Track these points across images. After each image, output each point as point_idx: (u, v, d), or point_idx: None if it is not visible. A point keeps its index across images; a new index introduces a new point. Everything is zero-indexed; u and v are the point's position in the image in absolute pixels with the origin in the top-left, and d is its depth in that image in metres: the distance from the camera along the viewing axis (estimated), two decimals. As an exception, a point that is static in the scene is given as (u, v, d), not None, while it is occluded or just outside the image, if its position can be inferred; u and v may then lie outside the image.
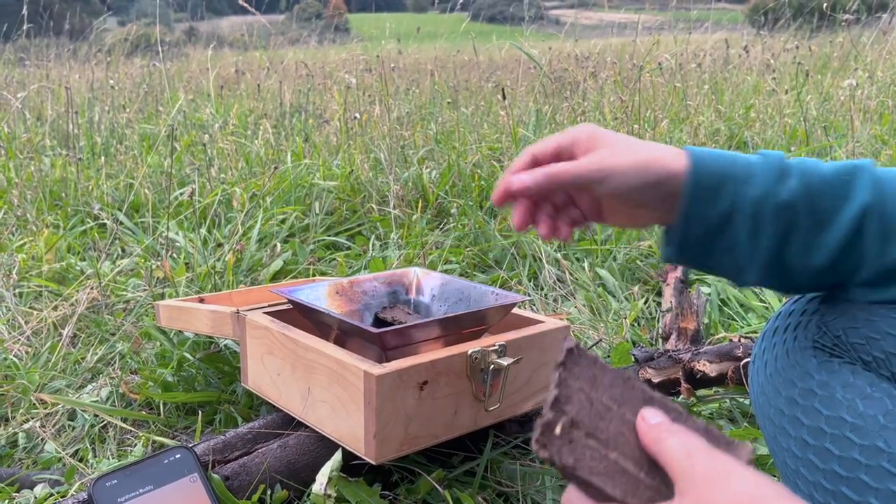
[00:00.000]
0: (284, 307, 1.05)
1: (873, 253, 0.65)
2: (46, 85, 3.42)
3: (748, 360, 1.07)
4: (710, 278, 1.59)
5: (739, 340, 1.25)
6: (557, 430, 0.46)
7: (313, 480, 0.87)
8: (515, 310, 1.04)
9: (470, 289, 1.06)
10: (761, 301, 1.51)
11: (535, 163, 0.70)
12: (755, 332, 1.42)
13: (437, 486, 0.87)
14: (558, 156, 0.69)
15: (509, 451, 1.01)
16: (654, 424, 0.48)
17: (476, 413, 0.90)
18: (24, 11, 2.98)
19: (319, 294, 1.04)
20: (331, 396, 0.86)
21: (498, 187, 0.69)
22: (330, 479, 0.84)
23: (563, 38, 4.56)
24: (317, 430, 0.90)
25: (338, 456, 0.86)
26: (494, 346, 0.89)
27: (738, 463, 0.45)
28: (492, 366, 0.88)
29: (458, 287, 1.08)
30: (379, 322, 1.07)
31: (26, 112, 3.20)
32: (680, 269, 1.60)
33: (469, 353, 0.87)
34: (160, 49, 3.49)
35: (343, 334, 0.96)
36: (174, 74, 5.08)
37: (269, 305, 1.06)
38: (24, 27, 2.88)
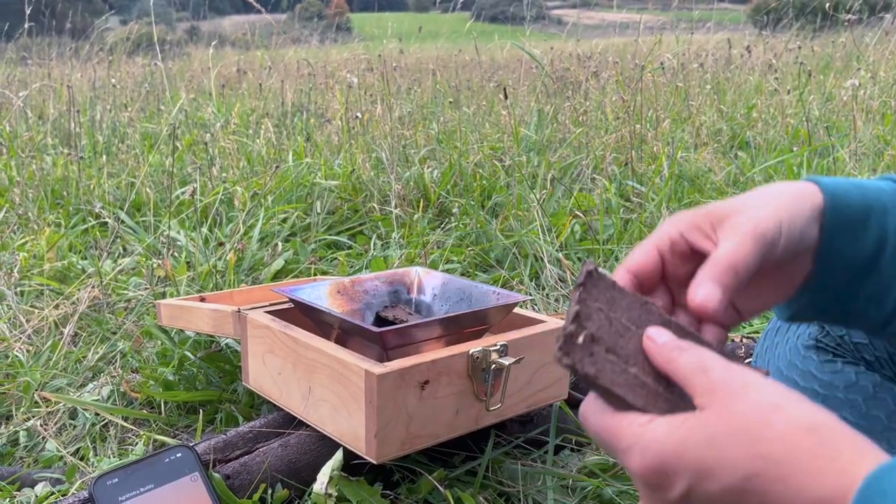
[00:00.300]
0: (286, 306, 1.05)
1: None
2: (48, 84, 3.42)
3: (750, 360, 1.07)
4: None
5: (741, 341, 1.25)
6: (580, 340, 0.46)
7: (314, 480, 0.87)
8: (517, 309, 1.04)
9: (471, 288, 1.06)
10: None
11: (641, 282, 0.54)
12: (757, 332, 1.42)
13: (439, 486, 0.87)
14: (663, 263, 0.54)
15: (510, 451, 1.01)
16: (662, 344, 0.46)
17: (477, 413, 0.90)
18: (28, 10, 2.98)
19: (321, 293, 1.04)
20: (332, 396, 0.86)
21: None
22: (331, 478, 0.84)
23: (564, 38, 4.56)
24: (318, 429, 0.90)
25: (339, 455, 0.86)
26: (496, 345, 0.89)
27: (756, 373, 0.44)
28: (493, 365, 0.88)
29: (460, 286, 1.08)
30: (380, 321, 1.07)
31: (28, 111, 3.20)
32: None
33: (470, 352, 0.87)
34: (160, 49, 3.49)
35: (344, 333, 0.96)
36: (176, 73, 5.08)
37: (271, 304, 1.06)
38: (26, 25, 2.88)
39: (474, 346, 0.87)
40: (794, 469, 0.39)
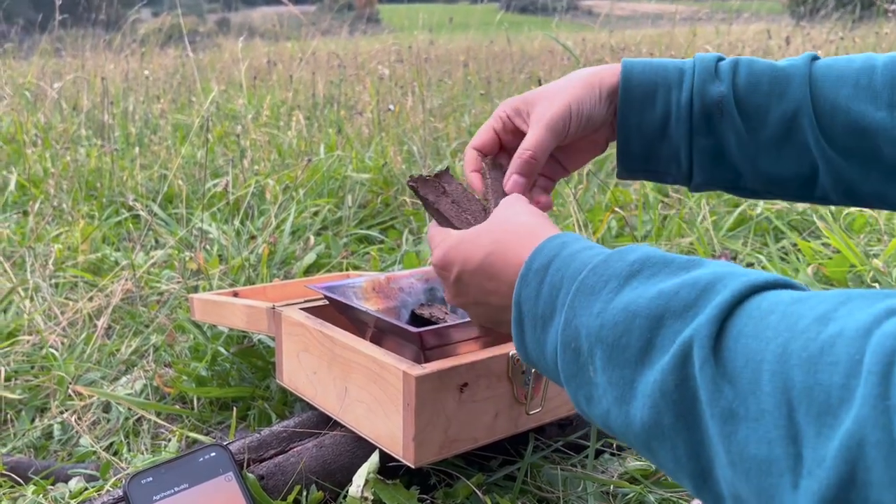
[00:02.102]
0: (320, 303, 1.03)
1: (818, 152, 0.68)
2: (82, 76, 3.45)
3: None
4: (754, 277, 1.54)
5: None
6: (432, 181, 0.72)
7: (349, 482, 0.85)
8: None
9: (510, 287, 1.03)
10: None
11: (484, 155, 0.77)
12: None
13: (477, 491, 0.85)
14: (501, 140, 0.76)
15: (549, 455, 0.98)
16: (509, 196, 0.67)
17: (517, 416, 0.87)
18: (59, 1, 3.00)
19: (356, 290, 1.01)
20: (368, 397, 0.84)
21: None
22: (367, 481, 0.82)
23: (597, 29, 4.48)
24: (353, 430, 0.88)
25: (375, 458, 0.84)
26: (537, 347, 0.86)
27: (527, 206, 0.64)
28: (534, 368, 0.85)
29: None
30: (416, 318, 1.05)
31: (62, 102, 3.23)
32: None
33: (510, 354, 0.84)
34: (191, 41, 3.49)
35: (380, 332, 0.93)
36: (207, 65, 5.10)
37: (305, 301, 1.04)
38: (58, 17, 2.89)
39: (513, 348, 0.85)
40: (514, 246, 0.57)
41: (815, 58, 0.70)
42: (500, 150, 0.77)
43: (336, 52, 4.59)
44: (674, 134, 0.71)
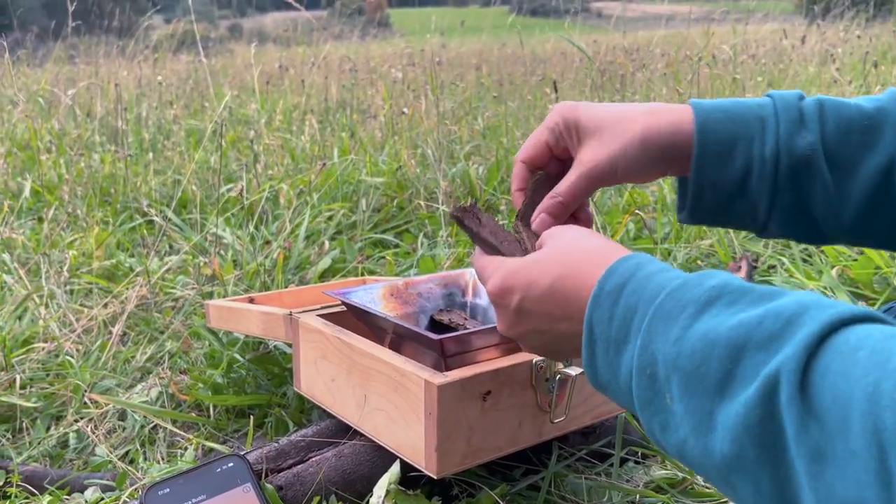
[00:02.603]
0: (338, 309, 1.02)
1: None
2: (96, 82, 3.46)
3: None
4: (777, 277, 1.51)
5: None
6: (472, 213, 0.69)
7: (369, 492, 0.83)
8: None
9: (530, 291, 1.01)
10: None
11: (532, 169, 0.73)
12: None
13: (501, 502, 0.82)
14: (552, 154, 0.72)
15: (573, 464, 0.96)
16: (540, 218, 0.68)
17: (541, 425, 0.85)
18: (71, 8, 3.00)
19: (374, 296, 1.00)
20: (388, 405, 0.82)
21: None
22: (388, 491, 0.80)
23: (610, 31, 4.46)
24: (373, 439, 0.86)
25: (395, 468, 0.82)
26: (561, 354, 0.84)
27: (586, 230, 0.61)
28: (558, 375, 0.83)
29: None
30: (434, 324, 1.03)
31: (76, 108, 3.24)
32: (744, 270, 1.52)
33: (534, 361, 0.82)
34: (203, 47, 3.50)
35: (399, 338, 0.91)
36: (219, 70, 5.12)
37: (322, 307, 1.02)
38: (70, 24, 2.90)
39: (537, 355, 0.83)
40: (585, 268, 0.55)
41: None
42: (547, 164, 0.73)
43: (348, 55, 4.58)
44: (754, 189, 0.65)
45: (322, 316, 0.98)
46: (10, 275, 1.66)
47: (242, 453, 0.87)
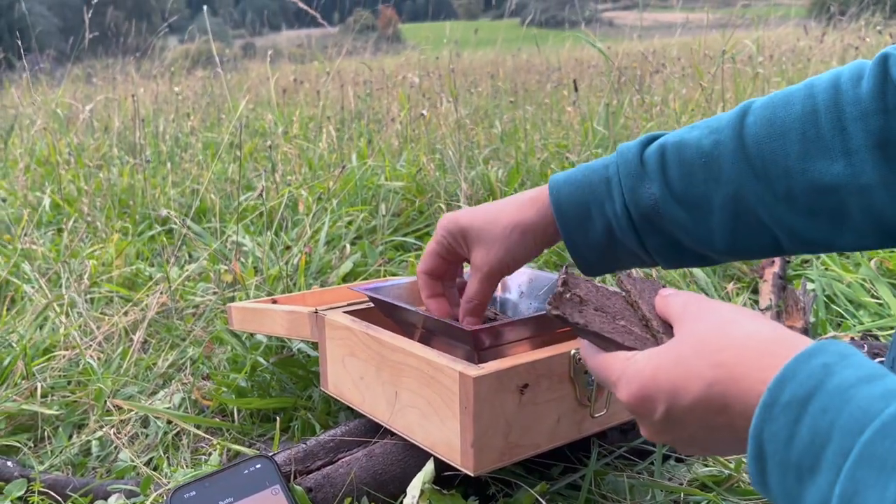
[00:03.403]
0: (364, 306, 0.99)
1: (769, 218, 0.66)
2: (113, 97, 3.47)
3: (882, 359, 0.95)
4: (813, 272, 1.46)
5: (860, 340, 1.13)
6: (567, 296, 0.58)
7: (402, 493, 0.80)
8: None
9: (563, 284, 0.97)
10: (874, 297, 1.38)
11: (436, 278, 0.84)
12: (869, 330, 1.29)
13: (542, 500, 0.79)
14: (447, 263, 0.83)
15: (612, 462, 0.92)
16: (665, 294, 0.57)
17: (581, 420, 0.81)
18: (88, 35, 3.01)
19: (401, 291, 0.97)
20: (421, 401, 0.79)
21: (444, 312, 0.85)
22: (422, 491, 0.77)
23: (625, 38, 4.43)
24: (406, 437, 0.82)
25: (429, 466, 0.79)
26: (600, 344, 0.80)
27: (730, 305, 0.51)
28: None
29: (549, 282, 0.99)
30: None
31: (94, 122, 3.25)
32: (777, 264, 1.48)
33: (572, 353, 0.78)
34: (219, 61, 3.51)
35: (428, 333, 0.88)
36: (234, 85, 5.14)
37: (349, 304, 0.99)
38: (88, 36, 2.90)
39: (575, 347, 0.79)
40: (746, 369, 0.44)
41: (746, 112, 0.66)
42: (447, 271, 0.85)
43: (365, 64, 4.58)
44: (623, 240, 0.71)
45: (348, 312, 0.95)
46: (29, 283, 1.65)
47: (270, 454, 0.84)
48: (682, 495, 0.87)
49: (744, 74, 2.71)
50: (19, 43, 3.01)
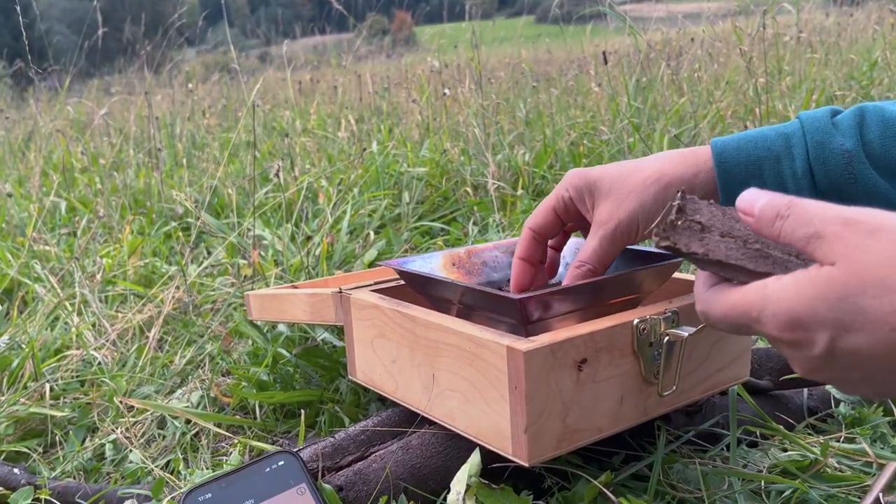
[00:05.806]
0: (392, 284, 0.89)
1: None
2: (130, 98, 3.42)
3: None
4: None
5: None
6: (681, 223, 0.50)
7: (445, 488, 0.70)
8: (675, 274, 0.84)
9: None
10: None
11: (540, 239, 0.73)
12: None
13: (607, 493, 0.68)
14: (561, 222, 0.71)
15: (678, 449, 0.81)
16: (759, 213, 0.45)
17: (646, 399, 0.71)
18: (100, 31, 2.97)
19: (433, 266, 0.87)
20: (463, 383, 0.69)
21: (520, 282, 0.76)
22: (468, 486, 0.67)
23: (649, 28, 4.31)
24: (446, 426, 0.72)
25: (475, 457, 0.69)
26: (665, 312, 0.69)
27: (865, 211, 0.41)
28: (666, 338, 0.69)
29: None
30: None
31: (110, 122, 3.20)
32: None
33: (635, 322, 0.68)
34: (234, 70, 3.45)
35: (467, 308, 0.78)
36: (251, 86, 5.09)
37: (375, 283, 0.90)
38: (100, 36, 2.86)
39: (638, 315, 0.69)
40: None
41: None
42: (555, 232, 0.74)
43: (378, 72, 4.51)
44: None
45: (376, 291, 0.86)
46: (40, 283, 1.58)
47: (295, 450, 0.74)
48: (762, 483, 0.76)
49: (783, 40, 2.58)
50: (35, 59, 2.97)
